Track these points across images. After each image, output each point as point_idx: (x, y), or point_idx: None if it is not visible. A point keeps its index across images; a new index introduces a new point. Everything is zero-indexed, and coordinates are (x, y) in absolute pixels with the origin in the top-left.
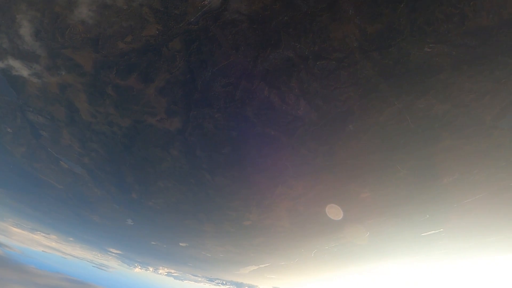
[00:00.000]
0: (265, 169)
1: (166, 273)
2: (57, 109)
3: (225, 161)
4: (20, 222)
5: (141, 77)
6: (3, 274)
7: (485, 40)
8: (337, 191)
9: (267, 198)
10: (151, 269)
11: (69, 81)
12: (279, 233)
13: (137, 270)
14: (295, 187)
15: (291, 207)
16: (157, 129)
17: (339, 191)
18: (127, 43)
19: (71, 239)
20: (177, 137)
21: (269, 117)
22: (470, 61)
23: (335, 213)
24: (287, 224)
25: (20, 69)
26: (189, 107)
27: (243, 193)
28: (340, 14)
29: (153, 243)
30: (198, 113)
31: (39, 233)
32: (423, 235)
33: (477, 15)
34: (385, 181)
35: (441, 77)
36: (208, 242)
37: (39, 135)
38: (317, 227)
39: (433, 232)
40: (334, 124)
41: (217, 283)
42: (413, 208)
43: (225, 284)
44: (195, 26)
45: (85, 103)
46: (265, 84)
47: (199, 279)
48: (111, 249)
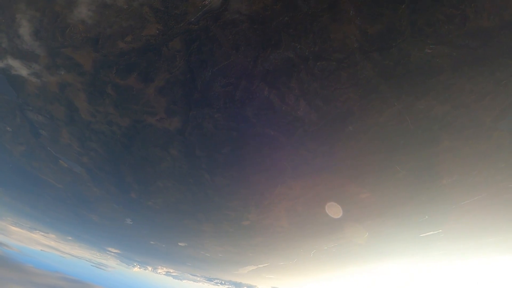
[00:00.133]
0: (264, 169)
1: (165, 273)
2: (56, 108)
3: (224, 161)
4: (19, 221)
5: (141, 77)
6: (2, 273)
7: (486, 41)
8: (337, 192)
9: (266, 198)
10: (150, 269)
11: (69, 81)
12: (278, 233)
13: (136, 269)
14: (294, 187)
15: (290, 207)
16: (157, 128)
17: (339, 192)
18: (127, 42)
19: (70, 238)
20: (177, 137)
21: (269, 117)
22: (470, 62)
23: (334, 211)
24: (286, 224)
25: (19, 68)
26: (189, 107)
27: (242, 193)
28: (340, 14)
29: (152, 242)
30: (197, 113)
31: (38, 232)
32: (422, 235)
33: (478, 16)
34: (384, 181)
35: (442, 78)
36: (207, 242)
37: (39, 134)
38: (316, 228)
39: (432, 232)
40: (334, 124)
41: (216, 282)
42: (412, 208)
43: (224, 284)
44: (196, 26)
45: (84, 103)
46: (265, 84)
47: (198, 278)
48: (110, 249)
